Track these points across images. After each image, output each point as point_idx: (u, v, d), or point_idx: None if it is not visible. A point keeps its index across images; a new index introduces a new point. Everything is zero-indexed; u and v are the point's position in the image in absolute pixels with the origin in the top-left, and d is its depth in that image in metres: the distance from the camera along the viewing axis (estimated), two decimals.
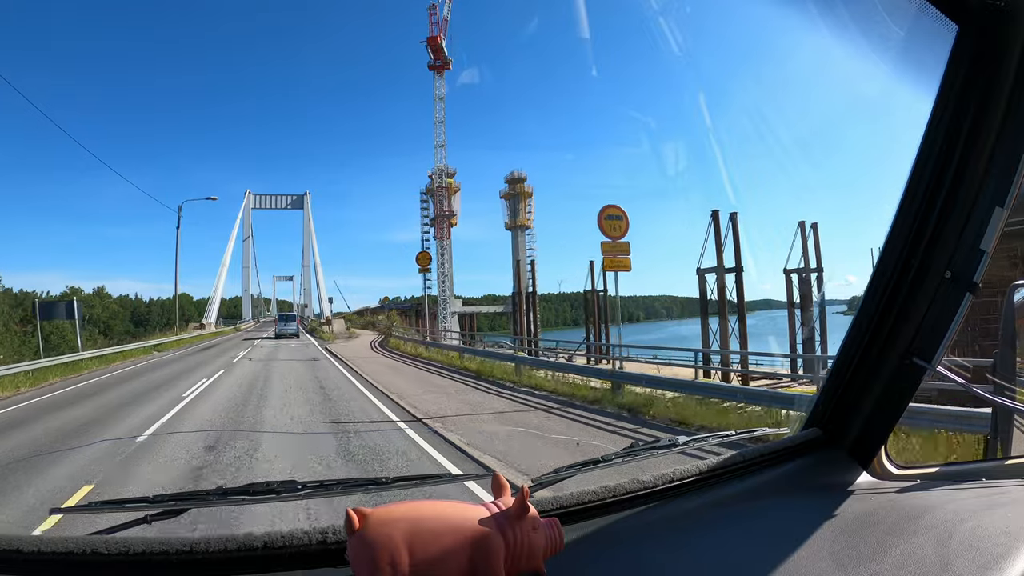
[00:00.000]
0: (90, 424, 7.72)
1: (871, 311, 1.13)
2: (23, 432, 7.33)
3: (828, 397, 1.25)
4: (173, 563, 0.75)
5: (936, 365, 1.05)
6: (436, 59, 38.50)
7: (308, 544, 0.79)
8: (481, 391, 11.21)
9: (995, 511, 0.93)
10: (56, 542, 0.74)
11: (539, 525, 0.76)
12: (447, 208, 40.93)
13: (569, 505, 0.94)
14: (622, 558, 0.85)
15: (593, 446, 6.20)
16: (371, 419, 8.07)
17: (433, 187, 41.17)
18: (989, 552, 0.78)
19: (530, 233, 42.61)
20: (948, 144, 0.98)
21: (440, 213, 40.86)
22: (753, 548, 0.88)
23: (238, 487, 1.02)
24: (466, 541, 0.71)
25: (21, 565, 0.73)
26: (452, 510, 0.74)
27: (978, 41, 0.92)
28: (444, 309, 38.86)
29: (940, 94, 0.97)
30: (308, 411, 8.63)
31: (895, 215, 1.07)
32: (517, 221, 42.37)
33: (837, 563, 0.79)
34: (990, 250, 0.96)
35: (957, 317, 1.02)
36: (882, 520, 0.93)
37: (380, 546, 0.67)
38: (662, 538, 0.93)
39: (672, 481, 1.04)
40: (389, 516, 0.70)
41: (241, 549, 0.77)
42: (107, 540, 0.75)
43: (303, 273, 54.13)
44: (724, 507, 1.04)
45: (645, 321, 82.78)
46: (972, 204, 0.98)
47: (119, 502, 0.99)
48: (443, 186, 40.45)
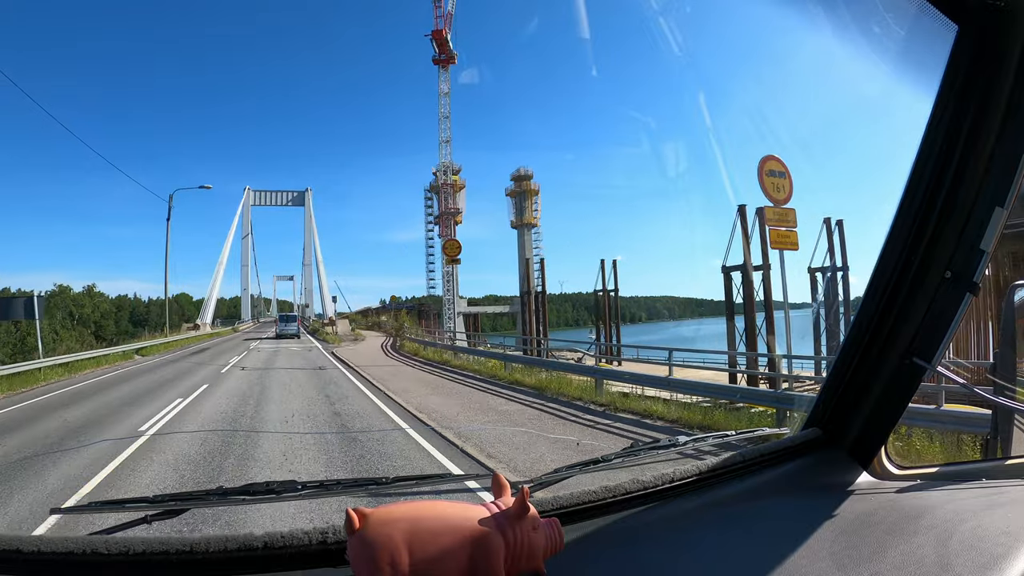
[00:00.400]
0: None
1: (871, 311, 1.13)
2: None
3: (828, 397, 1.25)
4: (173, 563, 0.75)
5: (936, 365, 1.05)
6: (441, 53, 37.67)
7: (308, 544, 0.79)
8: (576, 422, 7.81)
9: (995, 511, 0.93)
10: (56, 542, 0.74)
11: (539, 525, 0.76)
12: (452, 205, 39.94)
13: (569, 505, 0.94)
14: (622, 558, 0.85)
15: (593, 446, 6.19)
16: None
17: (438, 184, 40.26)
18: (989, 552, 0.78)
19: (536, 231, 41.88)
20: (948, 144, 0.98)
21: (446, 210, 39.87)
22: (753, 548, 0.88)
23: (238, 487, 1.02)
24: (466, 541, 0.71)
25: (21, 565, 0.73)
26: (452, 510, 0.74)
27: (978, 41, 0.92)
28: (450, 309, 38.27)
29: (940, 94, 0.97)
30: (324, 468, 5.25)
31: (895, 215, 1.07)
32: (523, 219, 41.58)
33: (837, 563, 0.79)
34: (990, 250, 0.96)
35: (957, 317, 1.02)
36: (882, 520, 0.93)
37: (380, 546, 0.67)
38: (662, 538, 0.93)
39: (672, 481, 1.04)
40: (389, 516, 0.70)
41: (241, 549, 0.77)
42: (107, 540, 0.75)
43: (304, 272, 53.21)
44: (724, 507, 1.04)
45: (647, 322, 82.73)
46: (972, 204, 0.98)
47: (119, 502, 0.99)
48: (448, 183, 39.44)
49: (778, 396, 8.05)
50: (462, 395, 10.45)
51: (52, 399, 10.44)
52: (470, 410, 8.78)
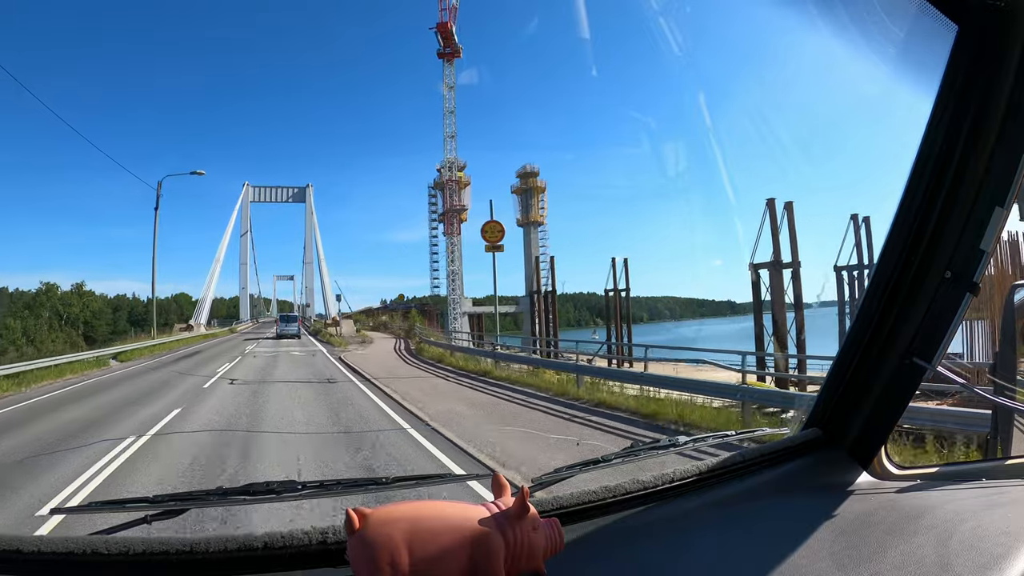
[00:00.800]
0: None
1: (871, 311, 1.13)
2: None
3: (828, 397, 1.25)
4: (173, 563, 0.75)
5: (936, 365, 1.05)
6: (446, 47, 36.86)
7: (308, 544, 0.79)
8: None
9: (995, 511, 0.93)
10: (56, 542, 0.74)
11: (539, 525, 0.76)
12: (458, 202, 39.05)
13: (569, 505, 0.95)
14: (622, 558, 0.85)
15: (593, 446, 6.19)
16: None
17: (442, 180, 39.40)
18: (989, 552, 0.78)
19: (543, 230, 41.05)
20: (948, 144, 0.98)
21: (451, 207, 38.95)
22: (753, 548, 0.88)
23: (238, 487, 1.02)
24: (466, 541, 0.71)
25: (21, 565, 0.73)
26: (452, 510, 0.74)
27: (978, 41, 0.92)
28: (455, 309, 37.52)
29: (940, 94, 0.97)
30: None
31: (895, 215, 1.07)
32: (530, 217, 40.75)
33: (837, 563, 0.79)
34: (990, 250, 0.96)
35: (957, 317, 1.02)
36: (882, 520, 0.92)
37: (380, 546, 0.68)
38: (662, 538, 0.93)
39: (672, 481, 1.04)
40: (389, 516, 0.70)
41: (241, 549, 0.77)
42: (107, 540, 0.75)
43: (305, 270, 51.31)
44: (724, 507, 1.04)
45: (649, 322, 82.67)
46: (972, 204, 0.98)
47: (119, 502, 0.99)
48: (453, 179, 38.50)
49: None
50: (561, 430, 7.01)
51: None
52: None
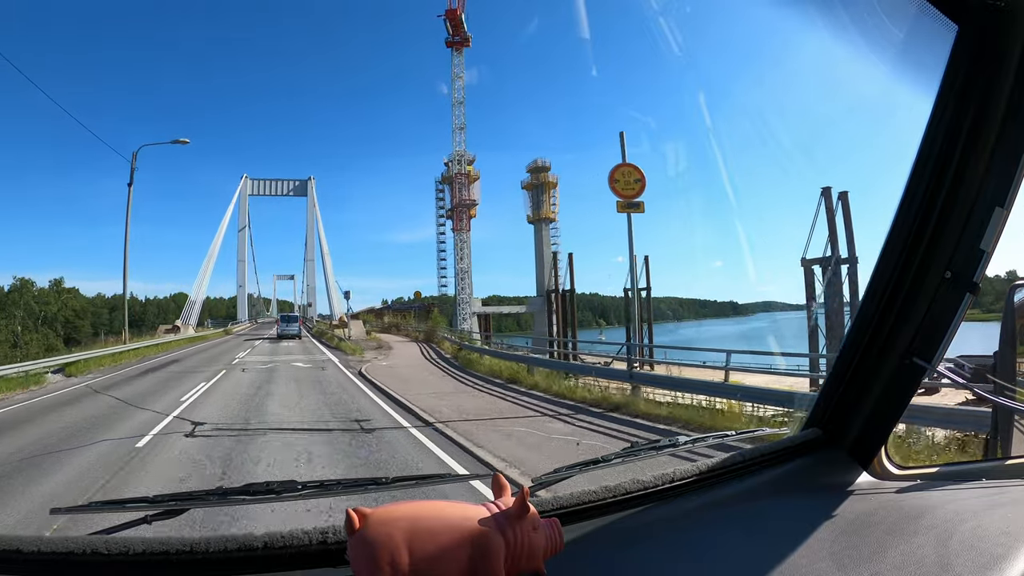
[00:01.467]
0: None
1: (871, 311, 1.13)
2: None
3: (828, 397, 1.25)
4: (173, 563, 0.75)
5: (936, 365, 1.05)
6: (455, 35, 35.79)
7: (308, 544, 0.79)
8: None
9: (995, 511, 0.93)
10: (56, 542, 0.74)
11: (539, 525, 0.76)
12: (467, 196, 37.76)
13: (569, 505, 0.95)
14: (622, 558, 0.85)
15: (593, 446, 6.20)
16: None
17: (451, 174, 38.11)
18: (989, 552, 0.78)
19: (555, 226, 39.59)
20: (948, 144, 0.98)
21: (460, 202, 37.57)
22: (753, 548, 0.88)
23: (238, 487, 1.02)
24: (466, 541, 0.71)
25: (21, 565, 0.73)
26: (452, 510, 0.74)
27: (978, 41, 0.92)
28: (463, 309, 36.44)
29: (940, 94, 0.97)
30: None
31: (895, 215, 1.07)
32: (541, 214, 39.37)
33: (837, 563, 0.79)
34: (990, 250, 0.97)
35: (957, 317, 1.02)
36: (882, 520, 0.92)
37: (380, 546, 0.68)
38: (662, 538, 0.93)
39: (672, 481, 1.04)
40: (389, 516, 0.70)
41: (241, 549, 0.77)
42: (107, 540, 0.75)
43: (306, 268, 48.57)
44: (724, 507, 1.04)
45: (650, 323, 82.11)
46: (972, 204, 0.98)
47: (119, 502, 0.99)
48: (463, 172, 37.16)
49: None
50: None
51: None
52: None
